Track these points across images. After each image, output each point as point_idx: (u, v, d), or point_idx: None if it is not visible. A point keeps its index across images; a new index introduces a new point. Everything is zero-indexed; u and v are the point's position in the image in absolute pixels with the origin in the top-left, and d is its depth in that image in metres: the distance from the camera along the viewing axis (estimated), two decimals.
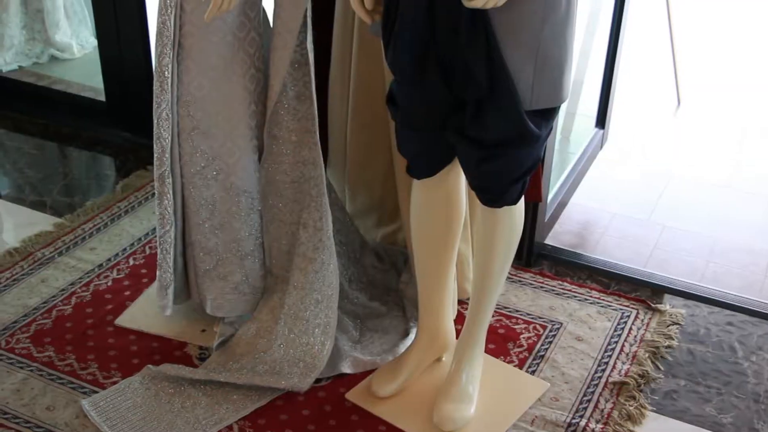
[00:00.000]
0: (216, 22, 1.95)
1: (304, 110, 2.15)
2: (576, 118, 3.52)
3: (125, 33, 3.18)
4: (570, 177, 3.06)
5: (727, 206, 3.20)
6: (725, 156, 3.62)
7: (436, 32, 1.71)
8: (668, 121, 3.95)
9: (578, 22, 1.78)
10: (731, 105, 4.14)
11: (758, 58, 4.80)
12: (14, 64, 3.88)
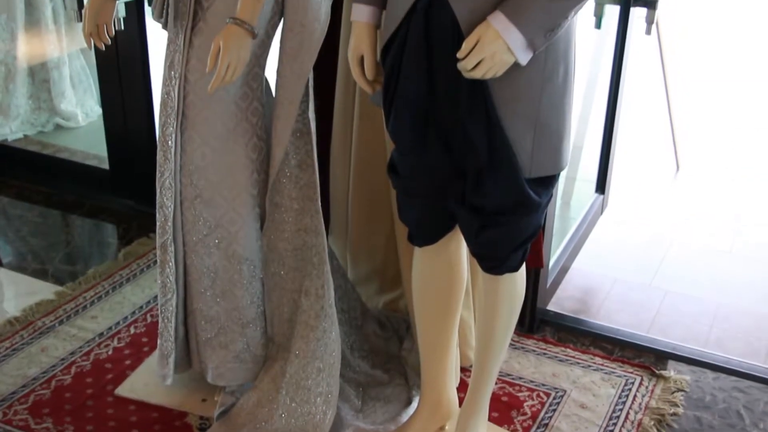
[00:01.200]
0: (219, 92, 1.98)
1: (306, 178, 2.17)
2: (576, 183, 3.54)
3: (130, 102, 3.22)
4: (571, 242, 3.07)
5: (729, 271, 3.20)
6: (726, 220, 3.63)
7: (436, 102, 1.73)
8: (668, 186, 3.97)
9: (576, 89, 1.80)
10: (730, 169, 4.17)
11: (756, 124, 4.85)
12: (20, 133, 3.93)
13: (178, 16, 1.99)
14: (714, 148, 4.44)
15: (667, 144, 4.18)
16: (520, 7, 1.55)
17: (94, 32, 2.09)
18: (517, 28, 1.55)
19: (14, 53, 3.89)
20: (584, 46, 2.78)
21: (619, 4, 3.06)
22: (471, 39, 1.58)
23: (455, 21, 1.62)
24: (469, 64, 1.58)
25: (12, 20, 3.83)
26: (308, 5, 2.00)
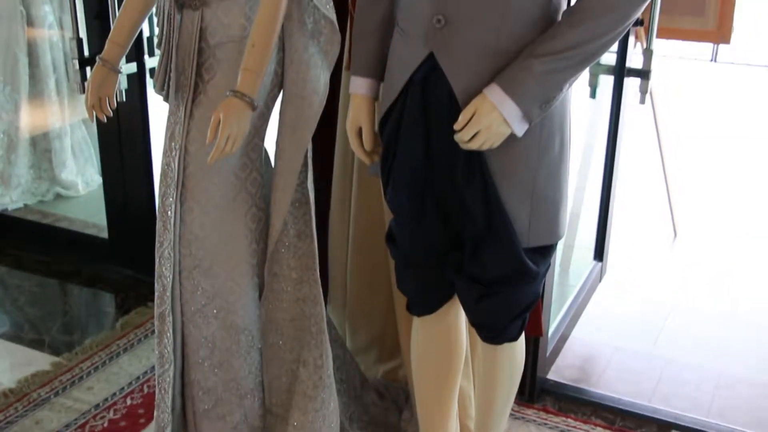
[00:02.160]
0: (219, 163, 2.00)
1: (304, 248, 2.17)
2: (574, 250, 3.55)
3: (130, 172, 3.25)
4: (570, 310, 3.06)
5: (730, 337, 3.18)
6: (725, 286, 3.62)
7: (434, 172, 1.75)
8: (665, 253, 3.98)
9: (573, 157, 1.82)
10: (728, 233, 4.18)
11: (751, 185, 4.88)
12: (20, 203, 3.95)
13: (179, 89, 2.02)
14: (711, 213, 4.45)
15: (663, 210, 4.19)
16: (515, 79, 1.58)
17: (97, 105, 2.13)
18: (513, 100, 1.57)
19: (17, 124, 3.93)
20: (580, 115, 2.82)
21: (614, 75, 3.11)
22: (467, 111, 1.60)
23: (452, 93, 1.64)
24: (466, 136, 1.60)
25: (16, 91, 3.89)
26: (307, 78, 2.04)
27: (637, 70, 2.97)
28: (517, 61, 1.58)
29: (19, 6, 3.78)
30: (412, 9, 1.70)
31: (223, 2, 1.95)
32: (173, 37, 1.97)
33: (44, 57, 3.93)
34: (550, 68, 1.56)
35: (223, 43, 1.97)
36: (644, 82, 2.92)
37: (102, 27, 2.98)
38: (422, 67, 1.67)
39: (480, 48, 1.61)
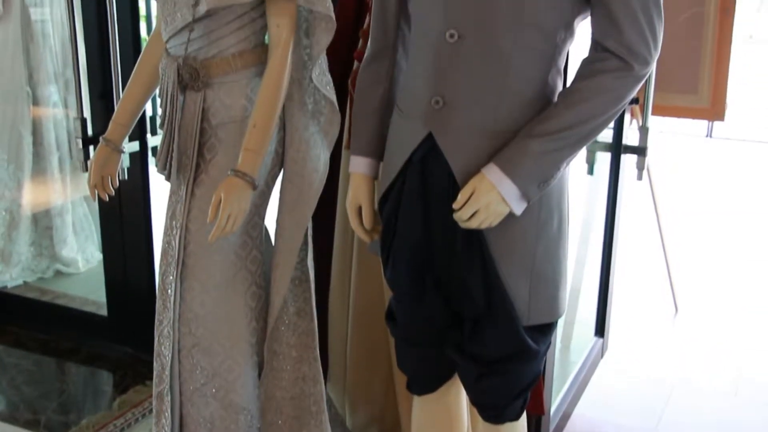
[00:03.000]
0: (219, 241, 2.01)
1: (304, 326, 2.17)
2: (575, 326, 3.53)
3: (131, 250, 3.25)
4: (572, 387, 3.03)
5: (734, 414, 3.14)
6: (728, 363, 3.59)
7: (433, 251, 1.76)
8: (667, 329, 3.95)
9: (572, 232, 1.83)
10: (729, 311, 4.17)
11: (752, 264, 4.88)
12: (20, 280, 3.94)
13: (181, 168, 2.05)
14: (711, 288, 4.45)
15: (664, 286, 4.19)
16: (513, 159, 1.60)
17: (99, 184, 2.15)
18: (511, 179, 1.59)
19: (19, 201, 3.96)
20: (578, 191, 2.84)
21: (611, 152, 3.15)
22: (466, 190, 1.62)
23: (451, 173, 1.66)
24: (465, 215, 1.62)
25: (20, 169, 3.92)
26: (308, 157, 2.07)
27: (634, 147, 3.01)
28: (515, 142, 1.60)
29: (25, 86, 3.85)
30: (411, 90, 1.74)
31: (225, 84, 1.99)
32: (176, 118, 2.01)
33: (48, 135, 3.98)
34: (547, 148, 1.59)
35: (224, 123, 2.01)
36: (641, 159, 2.95)
37: (106, 106, 3.03)
38: (421, 147, 1.70)
39: (478, 128, 1.63)
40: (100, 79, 3.02)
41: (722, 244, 5.21)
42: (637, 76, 1.60)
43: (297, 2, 1.93)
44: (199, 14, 1.91)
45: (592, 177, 3.24)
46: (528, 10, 1.56)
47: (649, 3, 1.56)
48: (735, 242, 5.25)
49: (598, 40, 1.61)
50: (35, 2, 3.81)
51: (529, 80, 1.63)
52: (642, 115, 3.03)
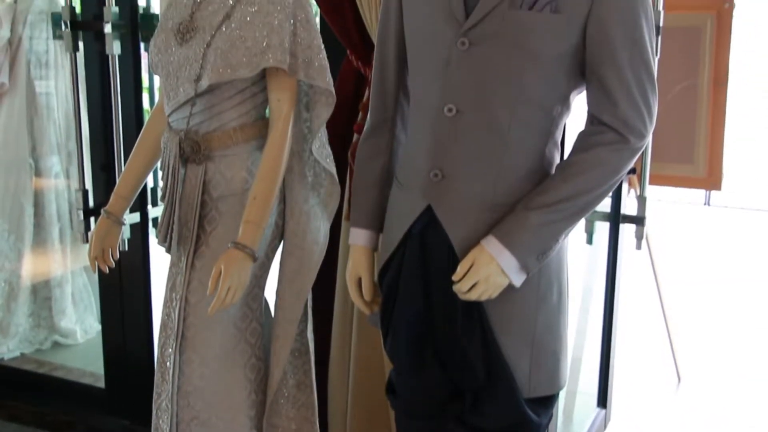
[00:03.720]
0: (219, 313, 2.00)
1: (303, 399, 2.15)
2: (577, 397, 3.49)
3: (130, 322, 3.24)
4: None
5: None
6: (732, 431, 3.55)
7: (433, 323, 1.75)
8: (670, 398, 3.91)
9: (572, 302, 1.83)
10: (731, 379, 4.13)
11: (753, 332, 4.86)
12: (17, 351, 3.91)
13: (181, 240, 2.06)
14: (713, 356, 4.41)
15: (666, 355, 4.16)
16: (512, 231, 1.61)
17: (100, 256, 2.15)
18: (510, 251, 1.60)
19: (19, 272, 3.95)
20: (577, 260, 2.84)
21: (609, 221, 3.16)
22: (465, 262, 1.63)
23: (450, 245, 1.67)
24: (465, 287, 1.62)
25: (20, 240, 3.93)
26: (308, 229, 2.08)
27: (632, 217, 3.02)
28: (513, 214, 1.62)
29: (28, 158, 3.88)
30: (410, 163, 1.76)
31: (226, 157, 2.01)
32: (177, 191, 2.02)
33: (49, 206, 4.00)
34: (546, 220, 1.60)
35: (225, 196, 2.02)
36: (639, 229, 2.97)
37: (107, 178, 3.05)
38: (420, 219, 1.71)
39: (477, 201, 1.65)
40: (103, 151, 3.05)
41: (724, 312, 5.19)
42: (633, 149, 1.62)
43: (297, 77, 1.97)
44: (201, 89, 1.94)
45: (591, 246, 3.25)
46: (525, 85, 1.59)
47: (643, 77, 1.60)
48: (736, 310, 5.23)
49: (594, 114, 1.64)
50: (40, 75, 3.87)
51: (526, 153, 1.65)
52: (639, 184, 3.05)
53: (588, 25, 1.57)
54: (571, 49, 1.59)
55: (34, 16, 3.77)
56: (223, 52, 1.91)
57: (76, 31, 2.93)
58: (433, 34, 1.65)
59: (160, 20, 2.06)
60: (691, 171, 3.49)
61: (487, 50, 1.59)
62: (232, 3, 1.94)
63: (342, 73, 2.35)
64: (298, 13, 1.94)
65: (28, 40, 3.79)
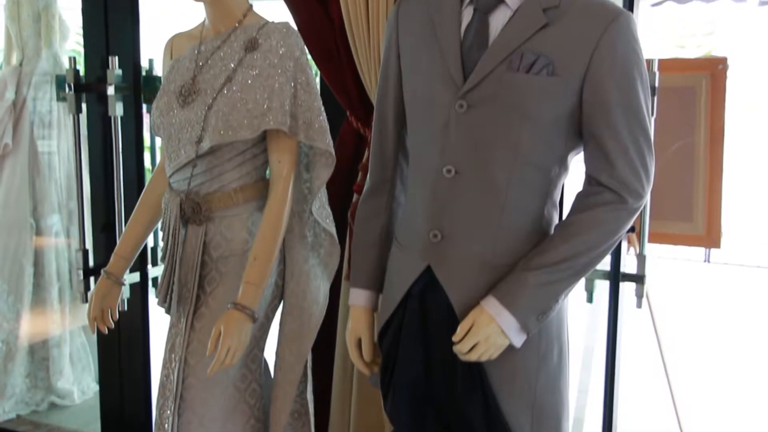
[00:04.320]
0: (218, 374, 1.99)
1: None
2: None
3: (128, 383, 3.22)
4: None
5: None
6: None
7: (434, 383, 1.74)
8: None
9: (573, 360, 1.82)
10: None
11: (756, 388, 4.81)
12: (13, 413, 3.86)
13: (181, 301, 2.06)
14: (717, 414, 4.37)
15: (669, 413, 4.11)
16: (511, 291, 1.61)
17: (99, 317, 2.15)
18: (510, 312, 1.60)
19: (17, 332, 3.93)
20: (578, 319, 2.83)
21: (609, 279, 3.16)
22: (465, 323, 1.62)
23: (450, 305, 1.67)
24: (465, 348, 1.62)
25: (19, 300, 3.92)
26: (308, 289, 2.08)
27: (632, 275, 3.02)
28: (513, 274, 1.62)
29: (29, 218, 3.89)
30: (410, 223, 1.77)
31: (226, 217, 2.02)
32: (177, 251, 2.03)
33: (49, 266, 3.99)
34: (545, 280, 1.60)
35: (225, 256, 2.03)
36: (639, 287, 2.96)
37: (108, 238, 3.06)
38: (420, 280, 1.71)
39: (476, 261, 1.65)
40: (103, 211, 3.07)
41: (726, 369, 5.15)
42: (631, 210, 1.63)
43: (298, 139, 1.99)
44: (202, 150, 1.96)
45: (591, 305, 3.24)
46: (523, 147, 1.61)
47: (640, 138, 1.61)
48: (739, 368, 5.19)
49: (592, 175, 1.65)
50: (43, 135, 3.91)
51: (525, 214, 1.66)
52: (639, 242, 3.05)
53: (584, 87, 1.59)
54: (568, 111, 1.61)
55: (38, 77, 3.82)
56: (224, 114, 1.93)
57: (79, 93, 2.97)
58: (431, 97, 1.68)
59: (163, 83, 2.09)
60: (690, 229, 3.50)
61: (485, 112, 1.61)
62: (234, 66, 1.97)
63: (342, 134, 2.38)
64: (299, 77, 1.97)
65: (32, 101, 3.84)
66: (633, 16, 1.63)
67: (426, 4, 1.73)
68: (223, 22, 2.02)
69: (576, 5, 1.60)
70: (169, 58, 2.14)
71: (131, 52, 2.96)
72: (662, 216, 3.48)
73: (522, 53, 1.58)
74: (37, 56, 3.81)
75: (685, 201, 3.45)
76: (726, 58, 3.22)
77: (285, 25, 2.01)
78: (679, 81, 3.34)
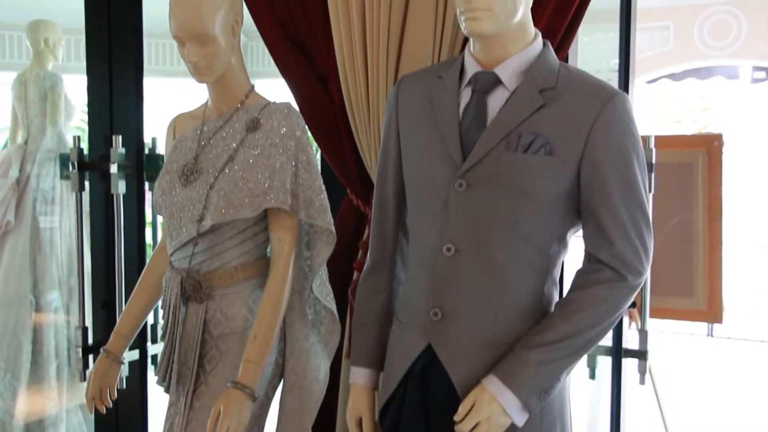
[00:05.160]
0: None
1: None
2: None
3: None
4: None
5: None
6: None
7: None
8: None
9: None
10: None
11: None
12: None
13: (180, 380, 2.04)
14: None
15: None
16: (513, 370, 1.60)
17: (97, 396, 2.13)
18: (512, 391, 1.59)
19: (12, 411, 3.88)
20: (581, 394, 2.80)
21: (611, 356, 3.13)
22: (467, 402, 1.61)
23: (451, 384, 1.66)
24: (466, 427, 1.60)
25: (16, 379, 3.88)
26: (308, 367, 2.06)
27: (634, 351, 3.00)
28: (514, 353, 1.62)
29: (29, 295, 3.89)
30: (410, 302, 1.77)
31: (227, 295, 2.03)
32: (177, 329, 2.02)
33: (48, 343, 3.97)
34: (546, 359, 1.60)
35: (225, 334, 2.02)
36: (642, 363, 2.94)
37: (107, 316, 3.05)
38: (421, 358, 1.71)
39: (477, 340, 1.65)
40: (104, 288, 3.06)
41: None
42: (630, 287, 1.64)
43: (299, 217, 2.00)
44: (204, 229, 1.97)
45: (594, 381, 3.21)
46: (522, 225, 1.62)
47: (638, 216, 1.63)
48: None
49: (591, 252, 1.66)
50: (45, 211, 3.94)
51: (525, 292, 1.66)
52: (640, 318, 3.04)
53: (582, 167, 1.61)
54: (566, 189, 1.63)
55: (42, 154, 3.88)
56: (226, 193, 1.95)
57: (82, 171, 3.00)
58: (431, 176, 1.70)
59: (165, 162, 2.11)
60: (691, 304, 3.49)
61: (484, 191, 1.63)
62: (236, 146, 2.00)
63: (342, 211, 2.39)
64: (300, 156, 1.99)
65: (35, 177, 3.88)
66: (628, 96, 1.67)
67: (425, 84, 1.77)
68: (226, 103, 2.06)
69: (572, 86, 1.64)
70: (172, 137, 2.17)
71: (135, 131, 3.00)
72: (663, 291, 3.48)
73: (520, 133, 1.61)
74: (42, 134, 3.87)
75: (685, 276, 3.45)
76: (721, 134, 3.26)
77: (286, 105, 2.04)
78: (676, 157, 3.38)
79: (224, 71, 2.00)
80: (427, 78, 1.78)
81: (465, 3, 1.60)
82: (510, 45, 1.66)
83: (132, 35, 2.98)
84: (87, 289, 3.09)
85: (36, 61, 4.02)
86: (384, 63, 2.13)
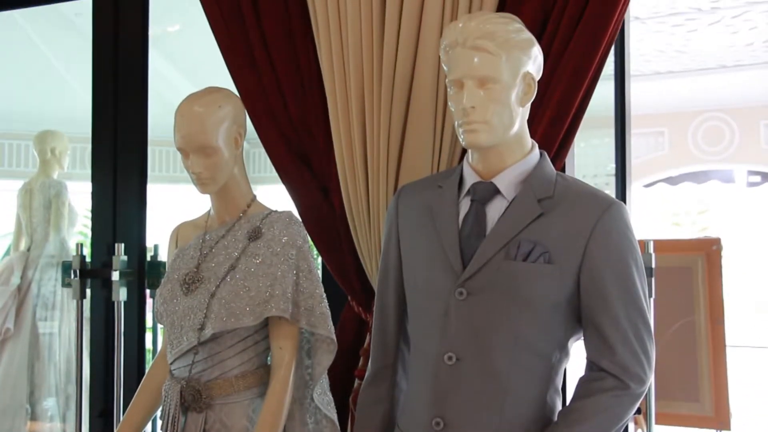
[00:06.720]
0: None
1: None
2: None
3: None
4: None
5: None
6: None
7: None
8: None
9: None
10: None
11: None
12: None
13: None
14: None
15: None
16: None
17: None
18: None
19: None
20: None
21: None
22: None
23: None
24: None
25: None
26: None
27: None
28: None
29: (25, 403, 3.84)
30: (412, 410, 1.75)
31: (227, 405, 2.00)
32: None
33: None
34: None
35: None
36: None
37: (105, 425, 3.00)
38: None
39: None
40: (102, 397, 3.02)
41: None
42: (633, 395, 1.62)
43: (299, 325, 2.00)
44: (204, 338, 1.97)
45: None
46: (522, 333, 1.62)
47: (639, 324, 1.63)
48: None
49: (593, 360, 1.65)
50: (45, 316, 3.93)
51: (527, 400, 1.65)
52: (646, 424, 2.99)
53: (581, 276, 1.62)
54: (566, 297, 1.64)
55: (45, 260, 3.90)
56: (227, 301, 1.95)
57: (84, 279, 3.01)
58: (431, 284, 1.71)
59: (167, 271, 2.12)
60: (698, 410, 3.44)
61: (484, 300, 1.64)
62: (237, 255, 2.01)
63: (343, 319, 2.39)
64: (301, 264, 2.01)
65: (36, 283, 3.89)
66: (624, 204, 1.69)
67: (425, 194, 1.80)
68: (228, 212, 2.09)
69: (569, 196, 1.67)
70: (175, 246, 2.19)
71: (137, 239, 3.03)
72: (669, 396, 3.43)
73: (519, 242, 1.63)
74: (45, 241, 3.91)
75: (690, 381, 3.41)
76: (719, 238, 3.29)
77: (288, 214, 2.07)
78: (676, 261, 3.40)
79: (227, 181, 2.03)
80: (427, 187, 1.81)
81: (462, 116, 1.64)
82: (507, 156, 1.70)
83: (137, 144, 3.04)
84: (85, 398, 3.05)
85: (42, 170, 4.10)
86: (384, 171, 2.17)
